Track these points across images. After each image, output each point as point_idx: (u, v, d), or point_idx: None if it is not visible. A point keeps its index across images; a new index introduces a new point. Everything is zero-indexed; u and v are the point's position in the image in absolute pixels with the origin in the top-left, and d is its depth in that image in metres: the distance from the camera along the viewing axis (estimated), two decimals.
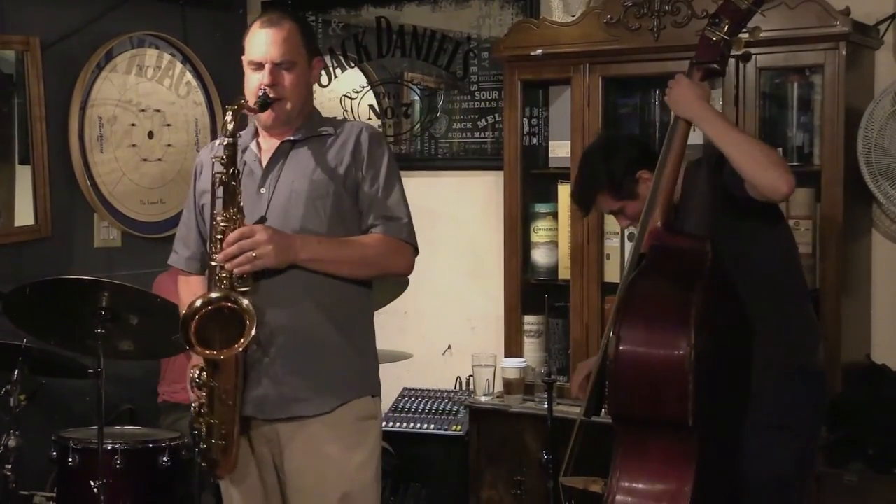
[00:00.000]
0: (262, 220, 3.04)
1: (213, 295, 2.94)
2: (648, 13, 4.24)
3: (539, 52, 4.48)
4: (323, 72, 5.23)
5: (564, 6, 4.58)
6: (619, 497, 3.02)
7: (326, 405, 3.06)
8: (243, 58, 3.16)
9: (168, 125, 5.26)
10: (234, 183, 2.97)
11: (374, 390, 3.19)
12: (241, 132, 3.11)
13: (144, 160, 5.19)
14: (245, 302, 2.92)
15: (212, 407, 3.01)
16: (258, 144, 3.17)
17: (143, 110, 5.17)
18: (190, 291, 3.17)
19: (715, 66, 3.15)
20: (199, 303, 2.92)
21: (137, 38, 5.15)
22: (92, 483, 3.87)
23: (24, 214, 4.80)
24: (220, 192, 2.99)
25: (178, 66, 5.29)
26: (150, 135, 5.20)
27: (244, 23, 5.60)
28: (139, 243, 5.18)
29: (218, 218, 2.98)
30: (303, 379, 3.05)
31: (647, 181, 3.43)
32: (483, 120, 5.10)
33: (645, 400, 2.98)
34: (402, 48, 5.24)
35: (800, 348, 3.31)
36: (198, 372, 3.01)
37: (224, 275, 2.96)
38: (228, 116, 2.97)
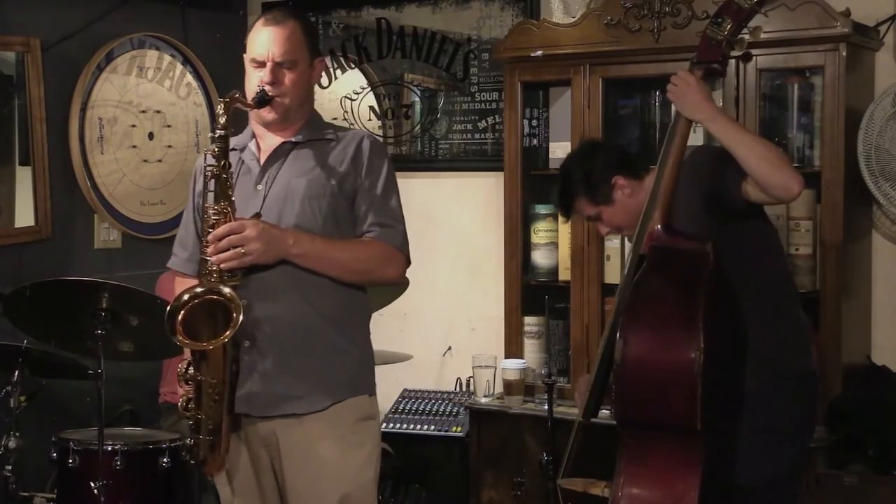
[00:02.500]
0: (256, 216, 3.02)
1: (199, 289, 2.94)
2: (648, 14, 4.24)
3: (539, 53, 4.48)
4: (323, 73, 5.23)
5: (565, 7, 4.58)
6: (624, 502, 3.00)
7: (319, 403, 3.04)
8: (245, 55, 3.15)
9: (168, 126, 5.26)
10: (225, 176, 2.98)
11: (371, 389, 3.17)
12: (236, 133, 3.11)
13: (145, 161, 5.18)
14: (230, 292, 2.91)
15: (199, 402, 3.00)
16: (257, 144, 3.17)
17: (143, 111, 5.17)
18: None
19: (716, 66, 3.14)
20: (185, 296, 2.93)
21: (138, 39, 5.15)
22: (92, 484, 3.87)
23: (24, 215, 4.80)
24: (211, 185, 2.99)
25: (179, 67, 5.29)
26: (151, 136, 5.20)
27: (244, 23, 5.60)
28: (139, 244, 5.17)
29: (209, 211, 2.98)
30: (294, 376, 3.03)
31: (622, 188, 3.46)
32: (483, 121, 5.10)
33: (652, 404, 2.96)
34: (403, 49, 5.24)
35: (790, 351, 3.30)
36: (185, 365, 3.01)
37: (214, 268, 2.96)
38: (220, 109, 2.99)
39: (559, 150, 4.57)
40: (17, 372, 4.00)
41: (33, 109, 4.75)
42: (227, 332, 2.91)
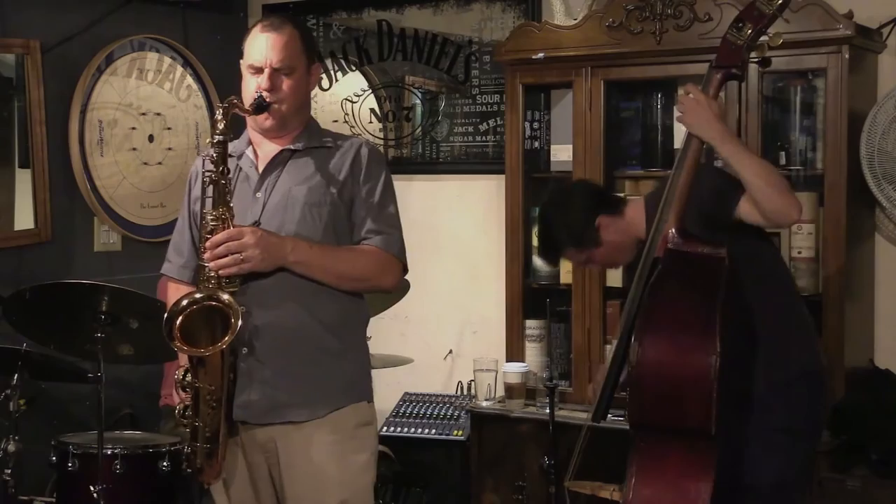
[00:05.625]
0: (255, 224, 3.03)
1: (198, 294, 2.94)
2: (650, 17, 4.22)
3: (541, 55, 4.47)
4: (324, 75, 5.24)
5: (566, 9, 4.57)
6: None
7: (319, 410, 3.04)
8: (242, 61, 3.16)
9: (168, 129, 5.25)
10: (223, 182, 2.97)
11: (370, 396, 3.18)
12: (234, 140, 3.11)
13: (145, 164, 5.17)
14: (228, 298, 2.92)
15: (196, 409, 3.00)
16: (254, 152, 3.17)
17: (143, 114, 5.16)
18: None
19: (735, 70, 3.15)
20: (184, 302, 2.93)
21: (138, 41, 5.14)
22: (92, 488, 3.86)
23: (23, 218, 4.79)
24: (209, 191, 2.98)
25: (179, 69, 5.28)
26: (151, 138, 5.19)
27: (245, 26, 5.59)
28: (139, 247, 5.16)
29: (208, 217, 2.98)
30: (294, 383, 3.03)
31: (606, 227, 3.46)
32: (485, 124, 5.08)
33: (667, 408, 2.96)
34: (404, 51, 5.23)
35: (800, 350, 3.32)
36: (183, 373, 3.00)
37: (212, 274, 2.96)
38: (219, 115, 2.99)
39: (561, 152, 4.57)
40: (16, 375, 3.98)
41: (33, 112, 4.74)
42: (226, 339, 2.90)
